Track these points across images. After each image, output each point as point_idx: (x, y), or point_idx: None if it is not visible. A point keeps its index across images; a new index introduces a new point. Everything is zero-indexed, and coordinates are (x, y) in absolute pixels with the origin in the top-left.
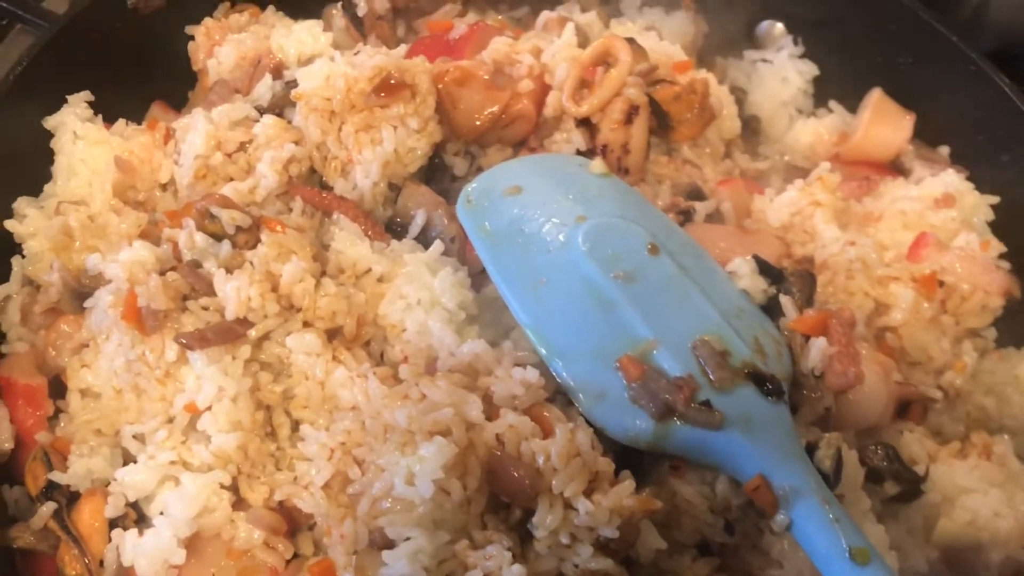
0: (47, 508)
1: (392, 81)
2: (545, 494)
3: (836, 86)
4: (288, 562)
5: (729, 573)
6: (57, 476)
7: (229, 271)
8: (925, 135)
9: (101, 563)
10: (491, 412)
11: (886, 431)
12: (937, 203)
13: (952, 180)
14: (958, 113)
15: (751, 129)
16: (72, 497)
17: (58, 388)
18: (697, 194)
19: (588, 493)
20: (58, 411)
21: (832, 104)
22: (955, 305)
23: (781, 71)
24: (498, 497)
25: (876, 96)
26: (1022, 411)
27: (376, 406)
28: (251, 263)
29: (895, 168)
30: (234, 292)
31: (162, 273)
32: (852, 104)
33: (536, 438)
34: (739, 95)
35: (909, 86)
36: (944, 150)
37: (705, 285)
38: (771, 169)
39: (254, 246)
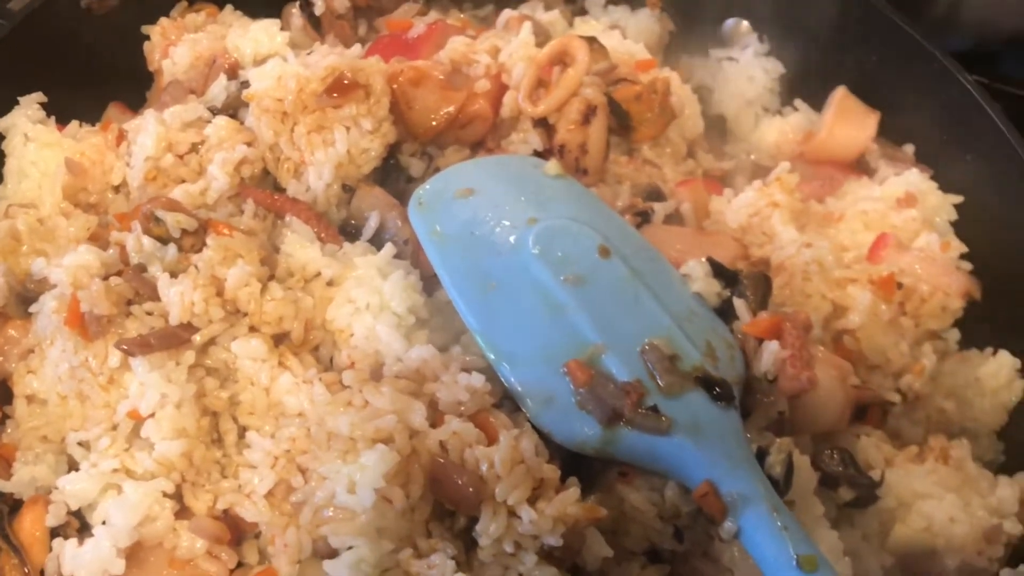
0: None
1: (345, 81)
2: (489, 502)
3: (802, 84)
4: (232, 571)
5: None
6: (0, 484)
7: (174, 275)
8: (890, 134)
9: (42, 573)
10: (436, 418)
11: (843, 435)
12: (899, 203)
13: (915, 180)
14: (923, 112)
15: (717, 128)
16: (15, 505)
17: (5, 394)
18: (656, 195)
19: (532, 500)
20: (5, 417)
21: (798, 103)
22: (914, 307)
23: (747, 69)
24: (443, 504)
25: (840, 94)
26: (983, 414)
27: (320, 413)
28: (196, 267)
29: (860, 167)
30: (178, 297)
31: (106, 278)
32: (818, 103)
33: (480, 445)
34: (704, 94)
35: (874, 84)
36: (909, 149)
37: (657, 288)
38: (736, 168)
39: (200, 250)
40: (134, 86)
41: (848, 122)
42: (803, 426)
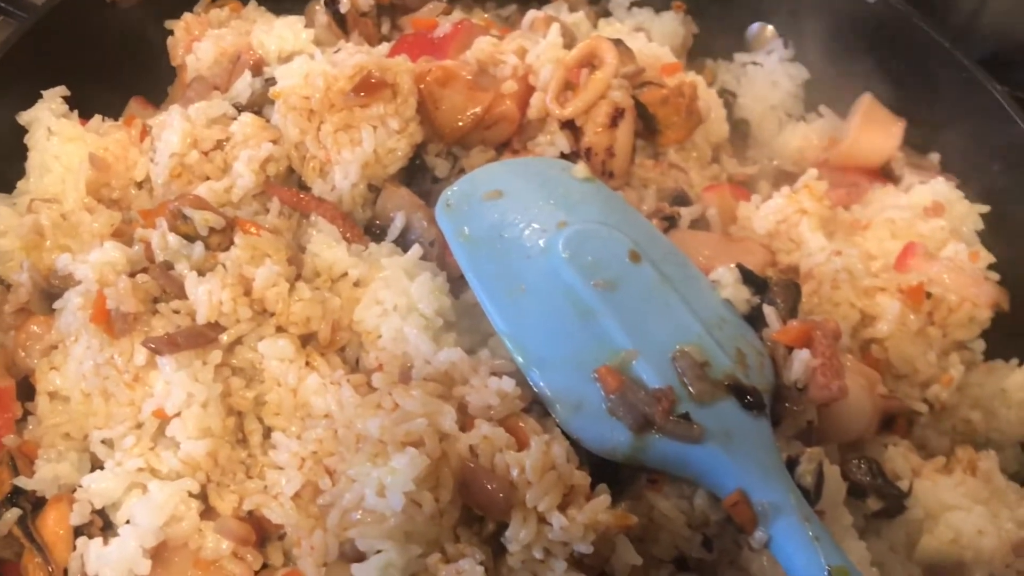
0: (11, 514)
1: (373, 80)
2: (519, 508)
3: (827, 90)
4: (257, 573)
5: None
6: (23, 481)
7: (201, 273)
8: (915, 142)
9: (65, 572)
10: (465, 422)
11: (870, 445)
12: (926, 212)
13: (942, 188)
14: (949, 120)
15: (740, 133)
16: (38, 503)
17: (28, 390)
18: (682, 199)
19: (563, 507)
20: (27, 414)
21: (822, 108)
22: (942, 317)
23: (771, 74)
24: (471, 509)
25: (866, 101)
26: (1009, 425)
27: (349, 415)
28: (224, 266)
29: (884, 175)
30: (206, 295)
31: (132, 275)
32: (842, 109)
33: (511, 450)
34: (728, 98)
35: (900, 92)
36: (934, 157)
37: (687, 294)
38: (759, 174)
39: (227, 248)
40: (155, 81)
41: (874, 129)
42: (831, 435)
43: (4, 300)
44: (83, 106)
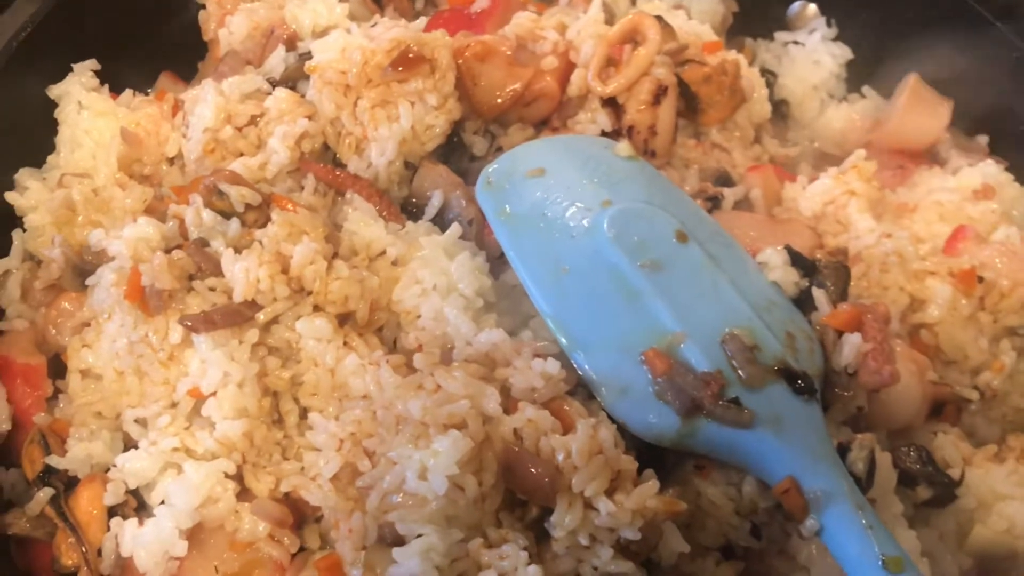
0: (44, 494)
1: (411, 55)
2: (564, 492)
3: (870, 71)
4: (294, 556)
5: None
6: (55, 460)
7: (237, 251)
8: (963, 123)
9: (99, 552)
10: (509, 405)
11: (919, 432)
12: (976, 194)
13: (991, 171)
14: (998, 101)
15: (780, 114)
16: (70, 482)
17: (58, 368)
18: (726, 180)
19: (610, 493)
20: (57, 392)
21: (865, 89)
22: (994, 302)
23: (813, 54)
24: (514, 494)
25: (912, 81)
26: None
27: (388, 396)
28: (260, 243)
29: (930, 157)
30: (242, 273)
31: (167, 251)
32: (886, 90)
33: (556, 433)
34: (769, 78)
35: (947, 72)
36: (982, 139)
37: (735, 276)
38: (800, 155)
39: (264, 225)
40: (185, 56)
41: (920, 110)
42: (880, 422)
43: (35, 276)
44: (113, 81)
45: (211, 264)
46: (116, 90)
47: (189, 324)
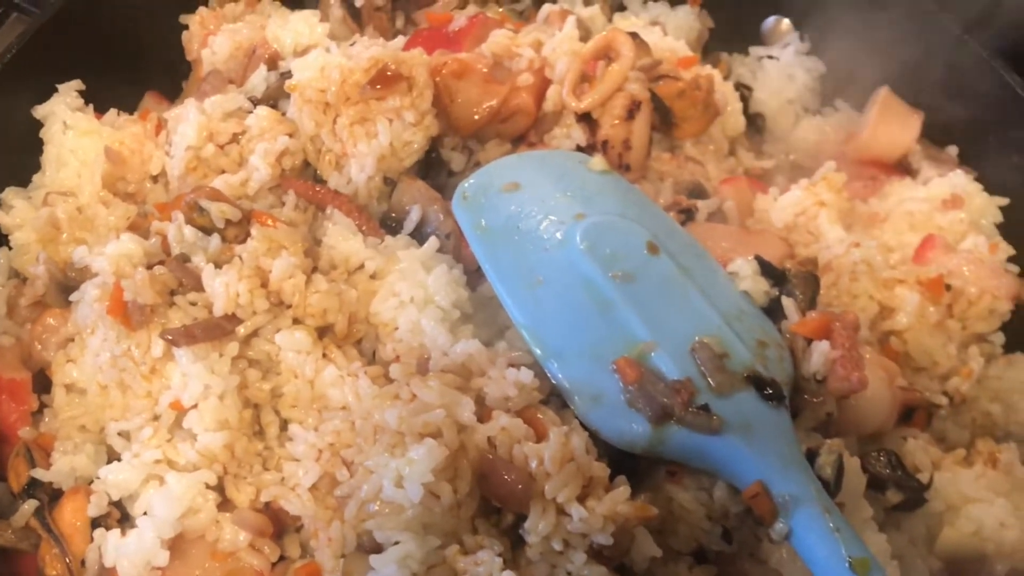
0: (29, 506)
1: (389, 73)
2: (538, 499)
3: (842, 84)
4: (274, 565)
5: None
6: (40, 473)
7: (218, 266)
8: (933, 135)
9: (83, 563)
10: (483, 414)
11: (889, 437)
12: (945, 204)
13: (960, 181)
14: (967, 113)
15: (756, 127)
16: (55, 495)
17: (43, 383)
18: (699, 192)
19: (582, 499)
20: (43, 406)
21: (838, 103)
22: (962, 309)
23: (787, 68)
24: (489, 501)
25: (883, 94)
26: None
27: (366, 406)
28: (240, 258)
29: (902, 168)
30: (222, 287)
31: (149, 267)
32: (859, 103)
33: (529, 441)
34: (744, 92)
35: (917, 85)
36: (952, 150)
37: (706, 286)
38: (776, 168)
39: (244, 240)
40: (169, 75)
41: (891, 122)
42: (850, 427)
43: (20, 293)
44: (98, 100)
45: (192, 279)
46: (101, 110)
47: (170, 338)
